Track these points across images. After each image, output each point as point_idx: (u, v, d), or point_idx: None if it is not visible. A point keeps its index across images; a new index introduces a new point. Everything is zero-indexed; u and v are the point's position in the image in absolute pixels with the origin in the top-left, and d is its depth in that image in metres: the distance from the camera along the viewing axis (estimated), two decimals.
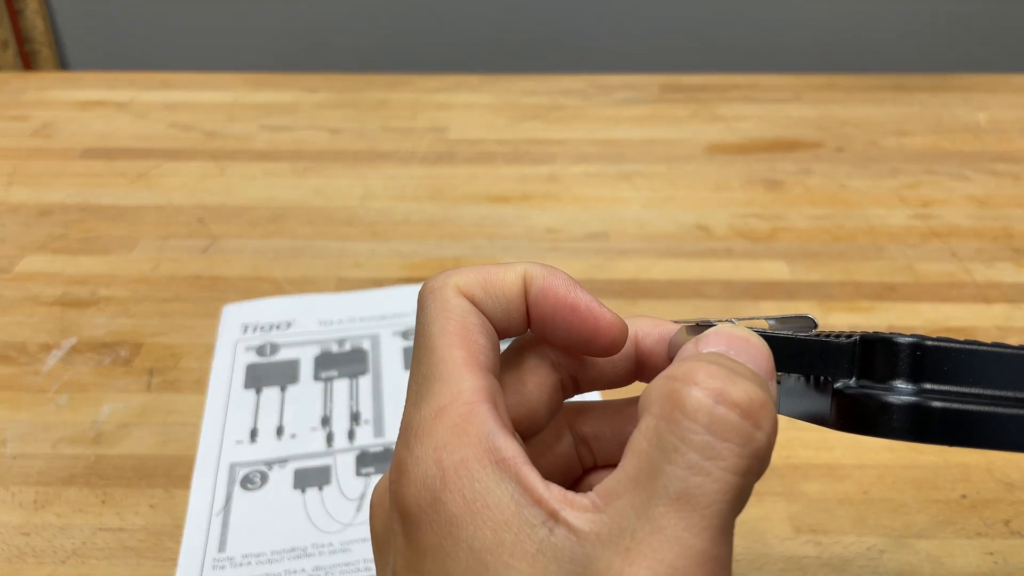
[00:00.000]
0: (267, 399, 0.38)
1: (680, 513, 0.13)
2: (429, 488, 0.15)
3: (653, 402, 0.14)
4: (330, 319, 0.42)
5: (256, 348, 0.40)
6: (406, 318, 0.42)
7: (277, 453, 0.35)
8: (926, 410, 0.14)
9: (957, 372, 0.14)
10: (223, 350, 0.40)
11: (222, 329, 0.41)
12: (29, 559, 0.31)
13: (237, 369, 0.39)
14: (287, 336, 0.41)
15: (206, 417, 0.37)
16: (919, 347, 0.14)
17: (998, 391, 0.14)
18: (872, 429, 0.14)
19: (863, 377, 0.15)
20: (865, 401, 0.14)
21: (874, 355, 0.15)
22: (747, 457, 0.13)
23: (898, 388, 0.14)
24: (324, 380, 0.39)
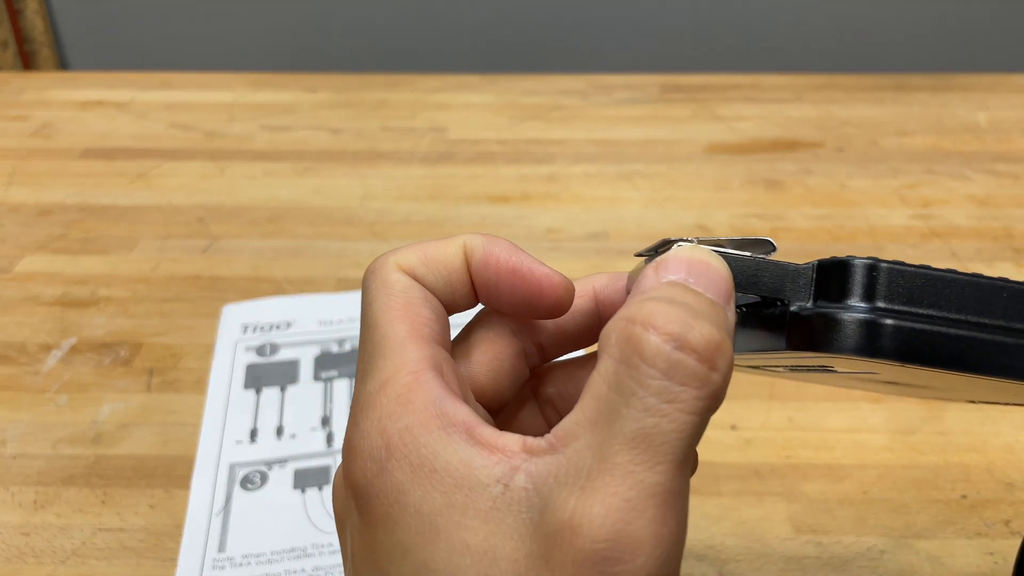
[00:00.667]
0: (267, 399, 0.38)
1: (635, 451, 0.13)
2: (375, 459, 0.15)
3: (612, 344, 0.14)
4: (330, 319, 0.42)
5: (256, 348, 0.40)
6: None
7: (277, 453, 0.35)
8: (878, 326, 0.14)
9: (911, 293, 0.15)
10: (223, 350, 0.40)
11: (222, 329, 0.41)
12: (29, 559, 0.31)
13: (237, 369, 0.39)
14: (287, 336, 0.41)
15: (206, 417, 0.37)
16: (874, 268, 0.15)
17: (950, 314, 0.15)
18: (826, 346, 0.15)
19: (820, 299, 0.15)
20: (820, 319, 0.15)
21: (830, 277, 0.15)
22: (704, 398, 0.14)
23: (853, 307, 0.15)
24: (324, 380, 0.39)
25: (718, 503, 0.33)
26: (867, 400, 0.37)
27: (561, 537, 0.13)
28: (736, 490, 0.34)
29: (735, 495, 0.33)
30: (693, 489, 0.34)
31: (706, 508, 0.33)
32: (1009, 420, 0.36)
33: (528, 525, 0.14)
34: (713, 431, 0.36)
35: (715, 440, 0.36)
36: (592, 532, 0.13)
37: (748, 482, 0.34)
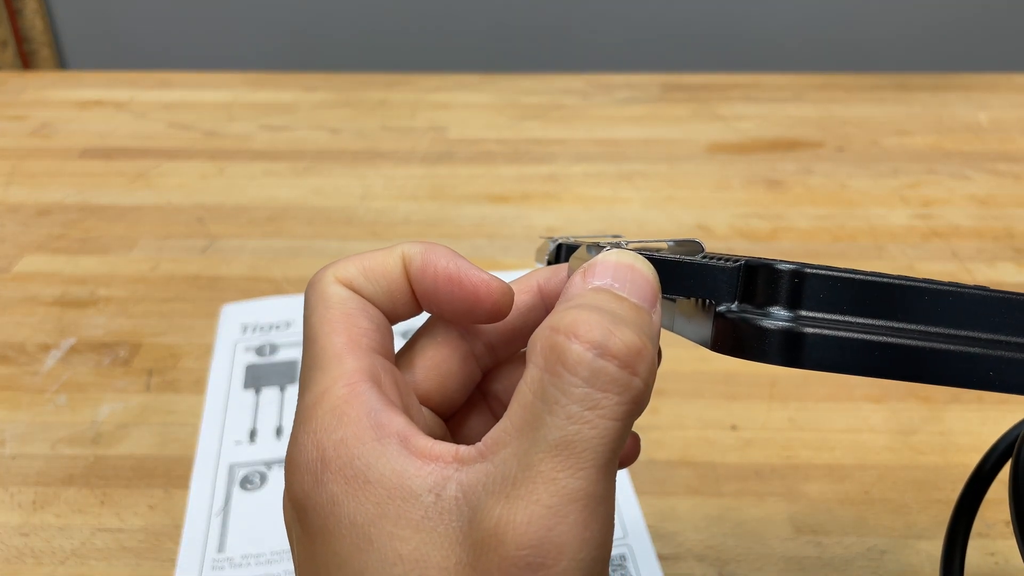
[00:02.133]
0: (266, 399, 0.38)
1: (558, 458, 0.14)
2: (311, 472, 0.15)
3: (537, 353, 0.15)
4: None
5: (255, 348, 0.40)
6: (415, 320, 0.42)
7: (276, 454, 0.35)
8: (797, 335, 0.14)
9: (835, 300, 0.14)
10: (222, 350, 0.40)
11: (221, 329, 0.41)
12: (28, 560, 0.31)
13: (236, 369, 0.39)
14: (286, 336, 0.41)
15: (205, 417, 0.37)
16: (798, 274, 0.14)
17: (872, 320, 0.15)
18: (747, 352, 0.15)
19: (744, 301, 0.15)
20: (741, 325, 0.15)
21: (756, 281, 0.15)
22: (625, 403, 0.14)
23: (775, 314, 0.14)
24: None
25: (718, 503, 0.33)
26: (868, 400, 0.37)
27: (488, 545, 0.14)
28: (736, 490, 0.33)
29: (735, 495, 0.33)
30: (694, 489, 0.33)
31: (706, 508, 0.33)
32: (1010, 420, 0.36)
33: (458, 534, 0.14)
34: (713, 431, 0.36)
35: (715, 440, 0.36)
36: (516, 539, 0.13)
37: (748, 482, 0.34)
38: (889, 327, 0.14)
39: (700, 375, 0.39)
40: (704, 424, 0.36)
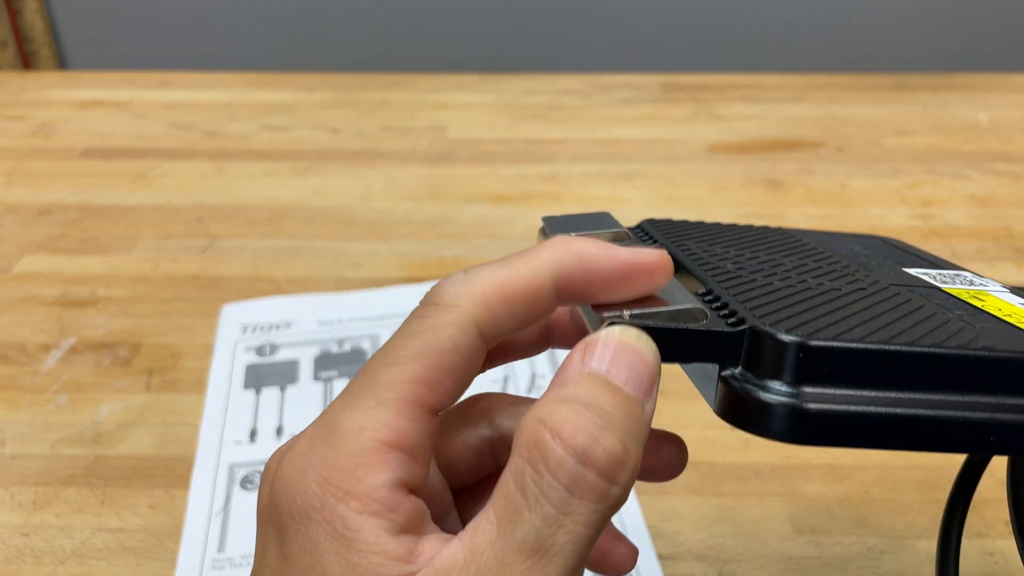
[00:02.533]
0: (267, 399, 0.38)
1: (530, 562, 0.14)
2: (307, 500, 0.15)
3: (523, 445, 0.14)
4: (330, 319, 0.42)
5: (255, 348, 0.40)
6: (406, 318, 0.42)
7: None
8: (801, 413, 0.14)
9: (839, 373, 0.14)
10: (222, 350, 0.40)
11: (221, 329, 0.41)
12: (28, 559, 0.31)
13: (236, 369, 0.39)
14: (287, 336, 0.41)
15: (205, 417, 0.37)
16: (803, 348, 0.14)
17: (876, 392, 0.14)
18: (749, 426, 0.14)
19: (748, 369, 0.15)
20: (745, 396, 0.14)
21: (760, 350, 0.14)
22: (600, 512, 0.14)
23: (778, 389, 0.14)
24: (324, 380, 0.39)
25: (718, 503, 0.33)
26: None
27: None
28: (736, 490, 0.33)
29: (735, 495, 0.33)
30: (694, 489, 0.34)
31: (706, 508, 0.33)
32: None
33: None
34: (714, 431, 0.36)
35: (715, 440, 0.36)
36: None
37: (748, 482, 0.34)
38: (891, 398, 0.14)
39: None
40: (704, 424, 0.36)
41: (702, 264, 0.18)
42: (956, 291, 0.19)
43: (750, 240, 0.21)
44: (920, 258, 0.23)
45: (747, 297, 0.16)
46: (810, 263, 0.19)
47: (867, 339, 0.14)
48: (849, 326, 0.15)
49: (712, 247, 0.20)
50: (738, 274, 0.18)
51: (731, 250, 0.20)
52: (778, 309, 0.15)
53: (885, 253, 0.23)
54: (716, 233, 0.21)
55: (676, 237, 0.21)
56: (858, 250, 0.22)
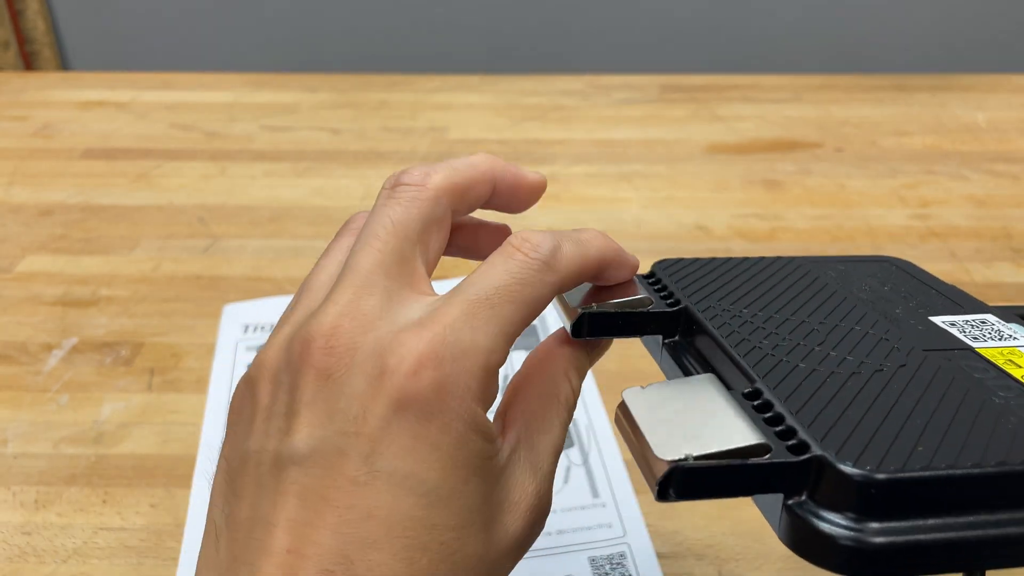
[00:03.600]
0: None
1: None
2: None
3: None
4: None
5: (257, 348, 0.40)
6: None
7: None
8: (866, 549, 0.14)
9: (904, 506, 0.14)
10: (224, 350, 0.40)
11: (223, 329, 0.41)
12: (30, 558, 0.31)
13: (238, 369, 0.39)
14: None
15: (207, 417, 0.37)
16: (870, 483, 0.14)
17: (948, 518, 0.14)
18: (815, 559, 0.14)
19: (813, 496, 0.15)
20: (812, 530, 0.14)
21: (826, 479, 0.14)
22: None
23: (842, 523, 0.14)
24: None
25: (718, 502, 0.33)
26: None
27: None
28: None
29: None
30: None
31: (706, 507, 0.33)
32: None
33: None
34: None
35: None
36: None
37: None
38: (958, 523, 0.14)
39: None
40: None
41: (731, 335, 0.19)
42: (988, 351, 0.19)
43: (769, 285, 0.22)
44: (937, 292, 0.23)
45: (798, 400, 0.16)
46: (841, 324, 0.20)
47: (933, 465, 0.14)
48: (910, 443, 0.15)
49: (733, 304, 0.20)
50: (774, 352, 0.18)
51: (755, 306, 0.20)
52: (835, 421, 0.15)
53: (904, 289, 0.23)
54: (730, 277, 0.22)
55: (691, 287, 0.21)
56: (877, 287, 0.23)
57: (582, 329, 0.20)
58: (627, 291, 0.21)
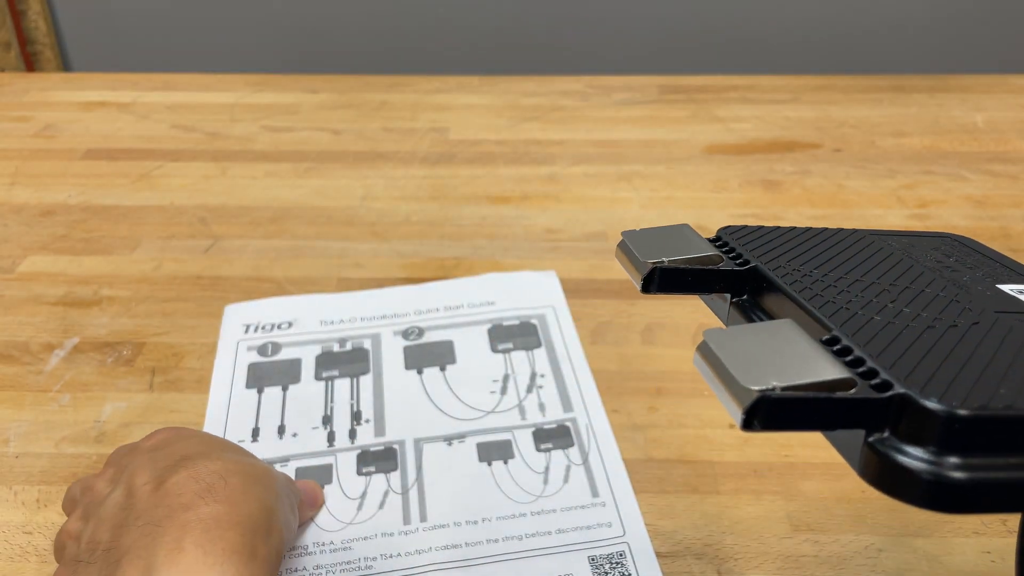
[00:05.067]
0: (269, 398, 0.38)
1: None
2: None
3: None
4: (331, 319, 0.42)
5: (258, 348, 0.40)
6: (407, 317, 0.42)
7: (279, 452, 0.35)
8: (947, 483, 0.14)
9: (985, 441, 0.14)
10: (225, 350, 0.40)
11: (224, 329, 0.42)
12: (31, 557, 0.31)
13: (239, 369, 0.39)
14: (289, 336, 0.41)
15: (208, 416, 0.37)
16: (954, 418, 0.14)
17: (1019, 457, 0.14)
18: (894, 493, 0.15)
19: (895, 432, 0.15)
20: (892, 465, 0.15)
21: (909, 416, 0.15)
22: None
23: (924, 458, 0.14)
24: (325, 380, 0.39)
25: (716, 501, 0.33)
26: None
27: None
28: (734, 488, 0.34)
29: (733, 493, 0.34)
30: (693, 488, 0.34)
31: (704, 506, 0.33)
32: None
33: None
34: (711, 430, 0.36)
35: (714, 439, 0.36)
36: None
37: (746, 481, 0.34)
38: None
39: (698, 374, 0.39)
40: (702, 423, 0.37)
41: (804, 291, 0.19)
42: None
43: (836, 251, 0.22)
44: (1001, 264, 0.23)
45: (877, 346, 0.16)
46: (911, 286, 0.20)
47: (1016, 406, 0.14)
48: (991, 386, 0.15)
49: (803, 264, 0.20)
50: (848, 306, 0.18)
51: (824, 268, 0.20)
52: (916, 365, 0.16)
53: (969, 261, 0.23)
54: (796, 243, 0.22)
55: (759, 250, 0.21)
56: (942, 259, 0.23)
57: (652, 283, 0.20)
58: (696, 247, 0.20)
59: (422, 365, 0.39)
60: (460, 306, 0.42)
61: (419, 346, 0.40)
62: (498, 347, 0.40)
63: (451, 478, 0.34)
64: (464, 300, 0.43)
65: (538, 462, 0.35)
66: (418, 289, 0.44)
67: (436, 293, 0.43)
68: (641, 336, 0.41)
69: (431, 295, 0.43)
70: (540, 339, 0.41)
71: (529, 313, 0.42)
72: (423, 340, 0.40)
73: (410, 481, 0.34)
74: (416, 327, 0.41)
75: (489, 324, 0.41)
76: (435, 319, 0.42)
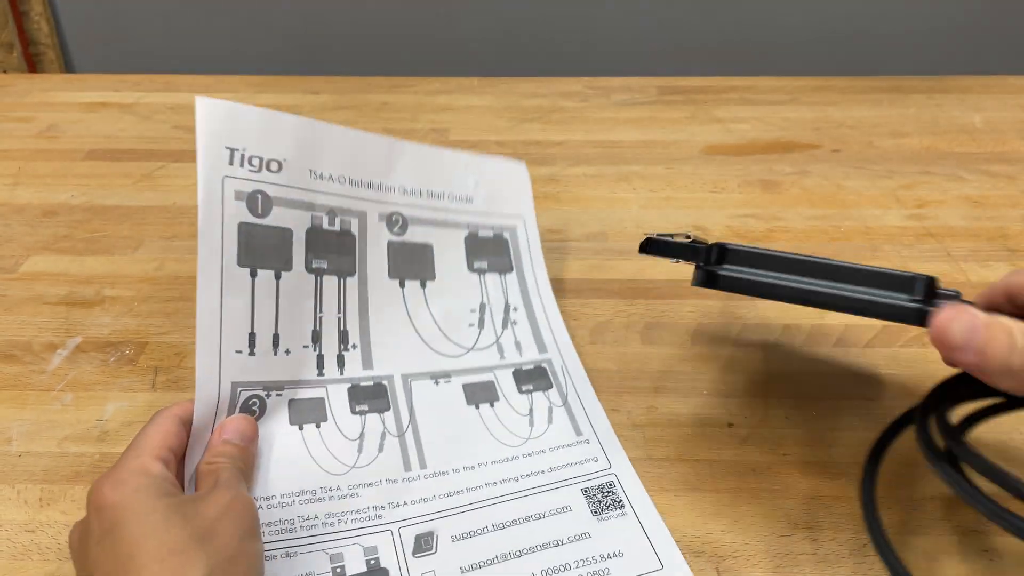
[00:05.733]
0: (262, 287, 0.33)
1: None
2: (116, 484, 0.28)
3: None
4: (321, 171, 0.36)
5: (247, 197, 0.33)
6: (391, 195, 0.38)
7: (272, 374, 0.33)
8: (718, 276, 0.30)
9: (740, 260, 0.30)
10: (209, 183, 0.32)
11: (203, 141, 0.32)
12: (34, 556, 0.31)
13: (228, 228, 0.32)
14: (279, 185, 0.34)
15: (201, 302, 0.31)
16: (723, 248, 0.30)
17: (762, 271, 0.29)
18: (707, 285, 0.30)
19: (706, 263, 0.31)
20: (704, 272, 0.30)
21: (712, 252, 0.30)
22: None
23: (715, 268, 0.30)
24: (315, 272, 0.35)
25: (715, 499, 0.33)
26: (863, 399, 0.38)
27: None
28: (733, 487, 0.34)
29: (732, 492, 0.34)
30: (692, 486, 0.34)
31: (703, 504, 0.33)
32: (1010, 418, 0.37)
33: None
34: (711, 428, 0.37)
35: (712, 437, 0.36)
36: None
37: (745, 479, 0.34)
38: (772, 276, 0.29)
39: (698, 374, 0.39)
40: (701, 421, 0.37)
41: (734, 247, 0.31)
42: None
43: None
44: None
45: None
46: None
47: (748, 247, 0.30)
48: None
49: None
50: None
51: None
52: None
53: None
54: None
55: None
56: None
57: (649, 247, 0.33)
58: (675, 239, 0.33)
59: (404, 276, 0.38)
60: (442, 195, 0.40)
61: (402, 245, 0.38)
62: (473, 264, 0.40)
63: (442, 421, 0.35)
64: (445, 189, 0.40)
65: (522, 404, 0.37)
66: (402, 148, 0.39)
67: (418, 162, 0.39)
68: (640, 336, 0.42)
69: (413, 165, 0.39)
70: (511, 261, 0.41)
71: (502, 223, 0.42)
72: (406, 237, 0.39)
73: (404, 423, 0.34)
74: (399, 214, 0.39)
75: (466, 231, 0.41)
76: (418, 207, 0.39)
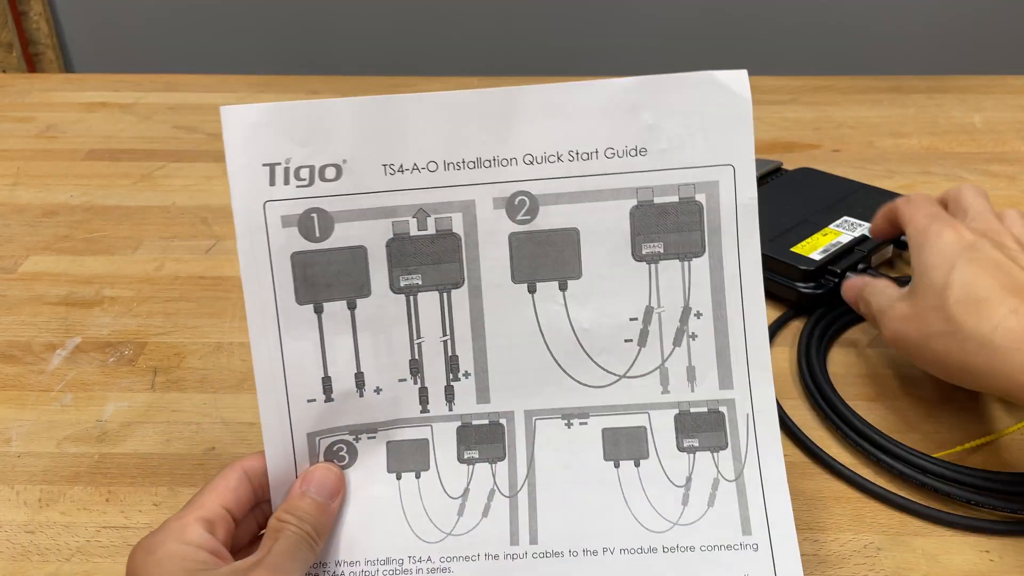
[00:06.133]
0: (331, 321, 0.26)
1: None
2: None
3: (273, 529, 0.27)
4: (400, 163, 0.26)
5: (298, 219, 0.26)
6: (510, 169, 0.26)
7: (361, 417, 0.27)
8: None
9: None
10: (246, 213, 0.26)
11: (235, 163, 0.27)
12: (34, 557, 0.31)
13: (279, 262, 0.26)
14: (341, 196, 0.26)
15: (257, 358, 0.25)
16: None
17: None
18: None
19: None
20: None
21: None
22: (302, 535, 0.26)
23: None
24: (405, 291, 0.27)
25: None
26: (863, 399, 0.38)
27: None
28: None
29: None
30: None
31: None
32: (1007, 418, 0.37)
33: None
34: None
35: None
36: None
37: None
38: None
39: None
40: None
41: None
42: None
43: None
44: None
45: None
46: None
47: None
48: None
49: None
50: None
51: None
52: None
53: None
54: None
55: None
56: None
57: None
58: None
59: (535, 277, 0.27)
60: (593, 152, 0.27)
61: (530, 236, 0.26)
62: (643, 249, 0.27)
63: (568, 480, 0.26)
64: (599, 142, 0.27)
65: (678, 470, 0.26)
66: (525, 98, 0.26)
67: (552, 110, 0.26)
68: None
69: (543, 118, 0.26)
70: (703, 238, 0.27)
71: (694, 179, 0.27)
72: (537, 223, 0.26)
73: (520, 479, 0.26)
74: (525, 194, 0.26)
75: (634, 200, 0.27)
76: (553, 179, 0.26)
